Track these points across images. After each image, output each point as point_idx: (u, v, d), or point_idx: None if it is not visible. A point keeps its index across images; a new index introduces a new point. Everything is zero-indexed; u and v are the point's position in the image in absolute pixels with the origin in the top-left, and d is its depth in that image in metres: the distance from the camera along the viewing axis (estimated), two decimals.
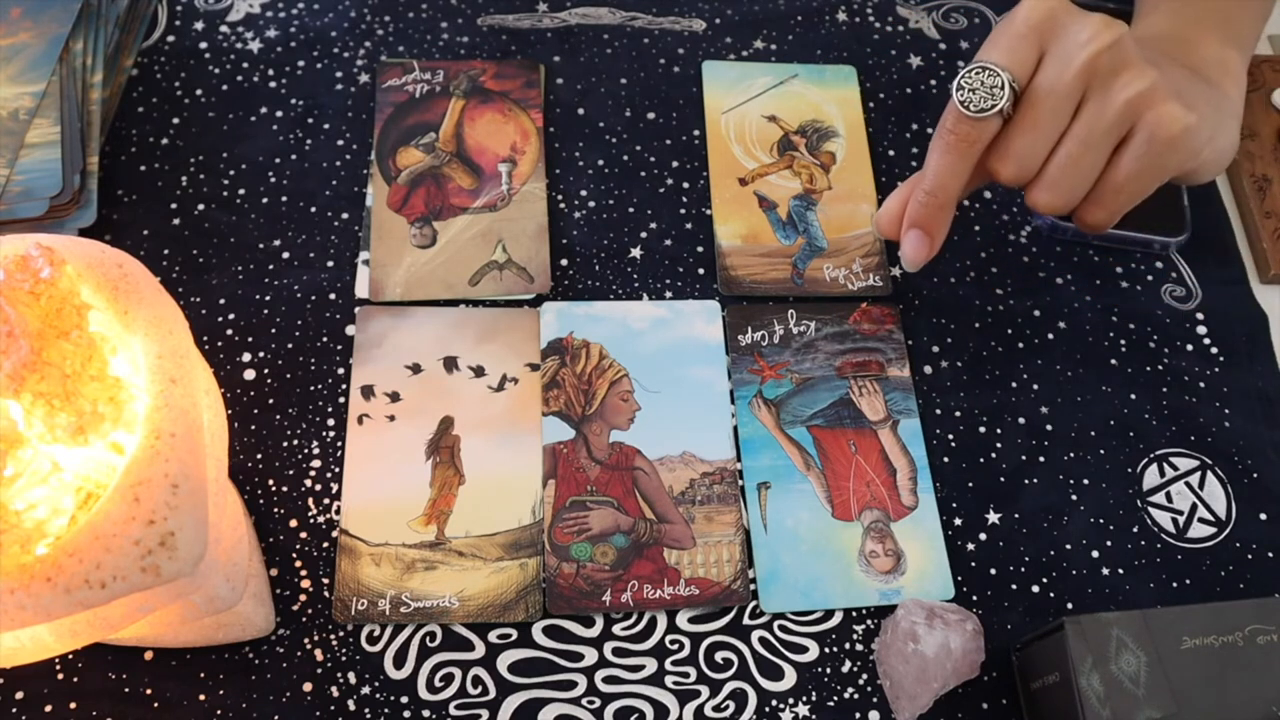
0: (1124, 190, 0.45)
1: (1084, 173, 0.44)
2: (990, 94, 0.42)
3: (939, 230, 0.47)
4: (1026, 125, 0.43)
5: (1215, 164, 0.49)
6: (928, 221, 0.46)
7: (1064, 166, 0.44)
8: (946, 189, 0.45)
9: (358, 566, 0.48)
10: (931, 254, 0.47)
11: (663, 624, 0.48)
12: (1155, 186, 0.45)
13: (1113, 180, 0.45)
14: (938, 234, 0.47)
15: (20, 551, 0.31)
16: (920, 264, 0.48)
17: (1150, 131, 0.43)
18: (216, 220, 0.56)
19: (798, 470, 0.51)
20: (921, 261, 0.47)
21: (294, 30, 0.62)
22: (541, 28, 0.64)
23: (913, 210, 0.47)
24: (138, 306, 0.35)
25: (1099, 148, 0.44)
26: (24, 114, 0.54)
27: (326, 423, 0.51)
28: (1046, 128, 0.43)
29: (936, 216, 0.46)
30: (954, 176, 0.45)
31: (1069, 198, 0.45)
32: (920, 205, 0.46)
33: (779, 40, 0.65)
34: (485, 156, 0.58)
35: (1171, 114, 0.43)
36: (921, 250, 0.47)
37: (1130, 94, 0.43)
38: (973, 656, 0.46)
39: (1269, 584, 0.51)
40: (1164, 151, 0.44)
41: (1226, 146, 0.49)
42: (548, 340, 0.54)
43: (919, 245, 0.47)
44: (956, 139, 0.44)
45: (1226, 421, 0.54)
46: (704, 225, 0.58)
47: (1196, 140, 0.45)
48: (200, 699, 0.45)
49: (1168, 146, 0.43)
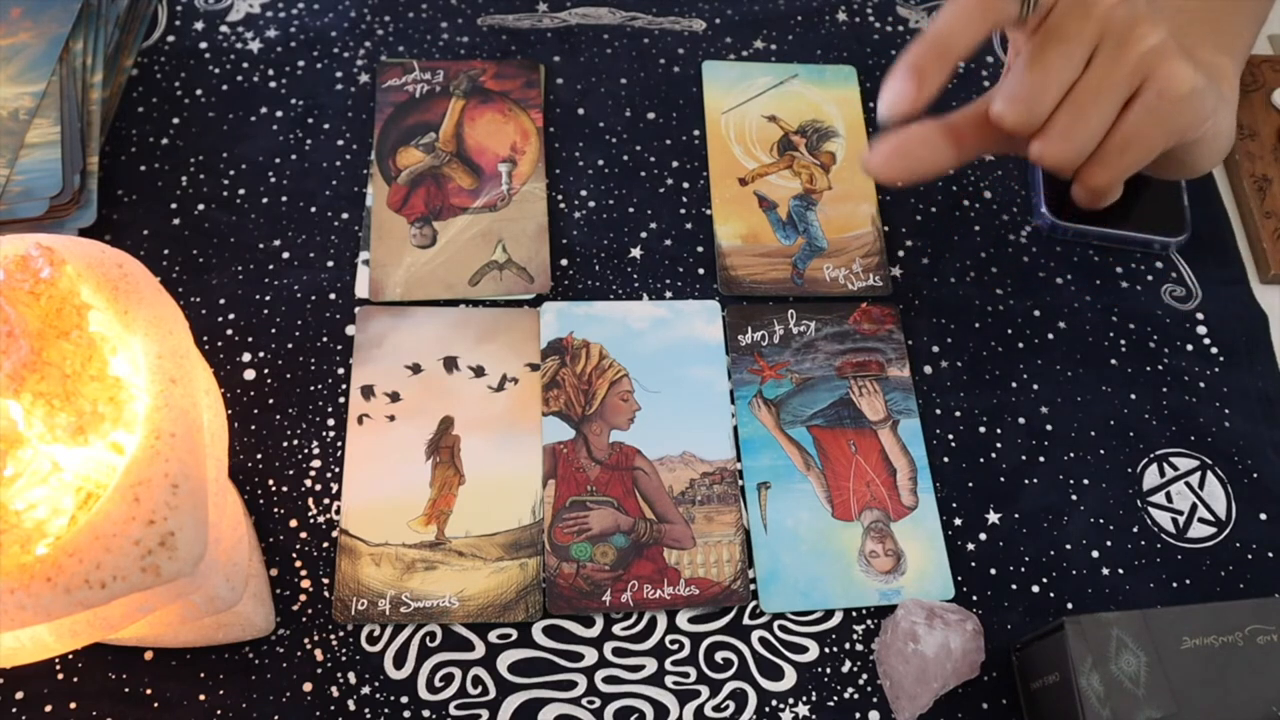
0: (1129, 148, 0.44)
1: (1092, 125, 0.43)
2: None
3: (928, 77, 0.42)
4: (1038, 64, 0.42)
5: (1213, 150, 0.49)
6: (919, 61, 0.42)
7: (1073, 114, 0.43)
8: (947, 40, 0.42)
9: (358, 566, 0.48)
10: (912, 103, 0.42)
11: (663, 624, 0.48)
12: (1160, 147, 0.44)
13: (1119, 136, 0.44)
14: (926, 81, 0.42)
15: (20, 551, 0.31)
16: (898, 110, 0.43)
17: (1161, 86, 0.42)
18: (216, 220, 0.56)
19: (798, 470, 0.51)
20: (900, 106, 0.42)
21: (294, 30, 0.62)
22: (541, 28, 0.64)
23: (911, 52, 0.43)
24: (138, 306, 0.35)
25: (1109, 100, 0.43)
26: (24, 114, 0.54)
27: (326, 423, 0.51)
28: (1056, 70, 0.42)
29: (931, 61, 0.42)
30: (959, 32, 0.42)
31: (1076, 151, 0.44)
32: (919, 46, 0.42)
33: (779, 40, 0.65)
34: (485, 156, 0.58)
35: (1182, 72, 0.42)
36: (906, 90, 0.42)
37: (1144, 48, 0.42)
38: (973, 656, 0.46)
39: (1269, 584, 0.51)
40: (1172, 109, 0.43)
41: (1225, 131, 0.49)
42: (548, 340, 0.54)
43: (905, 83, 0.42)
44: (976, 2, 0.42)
45: (1226, 421, 0.54)
46: (704, 225, 0.58)
47: (1203, 105, 0.44)
48: (200, 699, 0.45)
49: (1176, 104, 0.43)
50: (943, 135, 0.45)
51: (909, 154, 0.45)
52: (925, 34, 0.43)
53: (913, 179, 0.45)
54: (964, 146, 0.46)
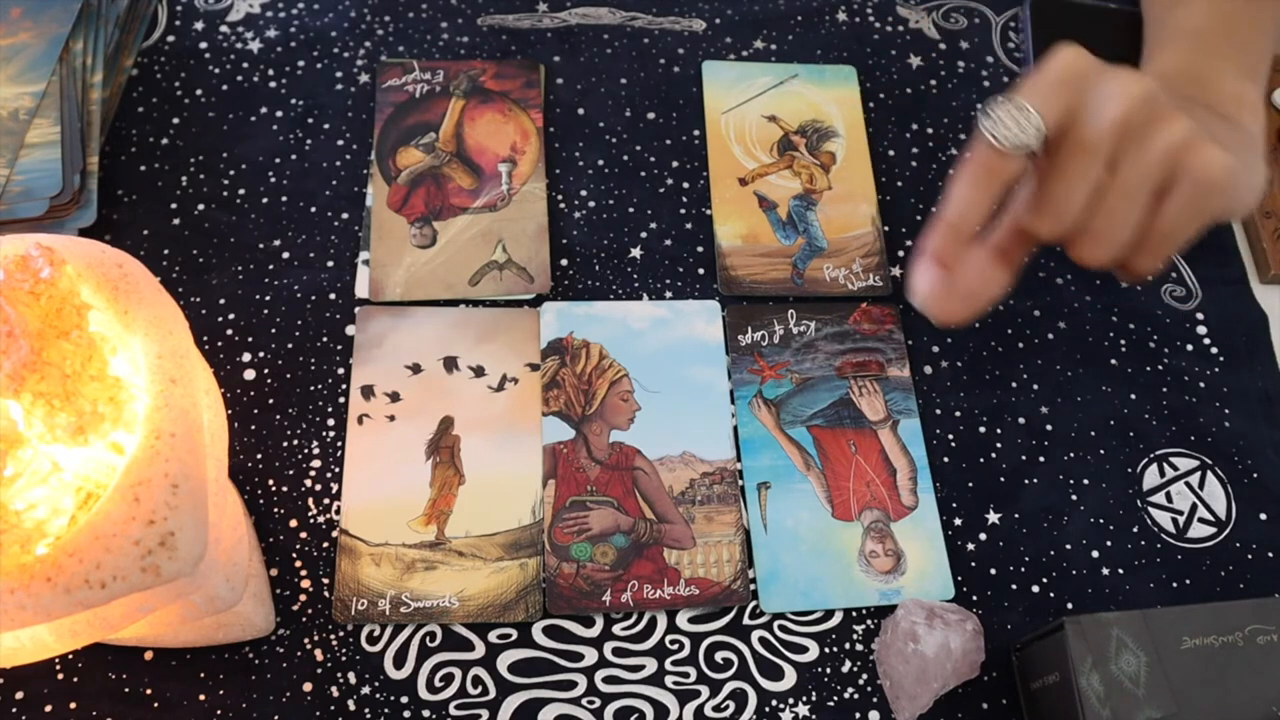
0: (1171, 237, 0.44)
1: (1127, 224, 0.44)
2: (1020, 128, 0.41)
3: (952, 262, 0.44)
4: (1061, 177, 0.43)
5: (1247, 201, 0.49)
6: (941, 250, 0.44)
7: (1106, 219, 0.43)
8: (965, 219, 0.44)
9: (358, 566, 0.48)
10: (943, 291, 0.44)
11: (663, 624, 0.48)
12: (1201, 227, 0.45)
13: (1160, 229, 0.44)
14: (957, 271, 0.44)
15: (20, 551, 0.31)
16: (929, 296, 0.44)
17: (1194, 176, 0.43)
18: (216, 220, 0.56)
19: (798, 470, 0.51)
20: (930, 294, 0.44)
21: (294, 30, 0.62)
22: (541, 28, 0.64)
23: (930, 241, 0.44)
24: (138, 306, 0.35)
25: (1140, 198, 0.43)
26: (24, 114, 0.54)
27: (326, 423, 0.51)
28: (1081, 178, 0.43)
29: (949, 246, 0.44)
30: (973, 207, 0.43)
31: (1114, 250, 0.44)
32: (935, 234, 0.44)
33: (779, 40, 0.65)
34: (485, 156, 0.58)
35: (1213, 157, 0.42)
36: (933, 281, 0.44)
37: (1169, 142, 0.42)
38: (973, 656, 0.46)
39: (1269, 584, 0.51)
40: (1209, 195, 0.43)
41: (1257, 183, 0.49)
42: (548, 340, 0.54)
43: (930, 273, 0.44)
44: (982, 170, 0.43)
45: (1226, 421, 0.54)
46: (704, 225, 0.58)
47: (1238, 180, 0.45)
48: (200, 699, 0.45)
49: (1212, 190, 0.43)
50: (993, 263, 0.45)
51: (971, 295, 0.45)
52: (940, 218, 0.43)
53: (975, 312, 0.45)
54: (1013, 261, 0.46)
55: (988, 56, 0.65)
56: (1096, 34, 0.65)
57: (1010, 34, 0.67)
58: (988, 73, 0.65)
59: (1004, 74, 0.65)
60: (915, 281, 0.44)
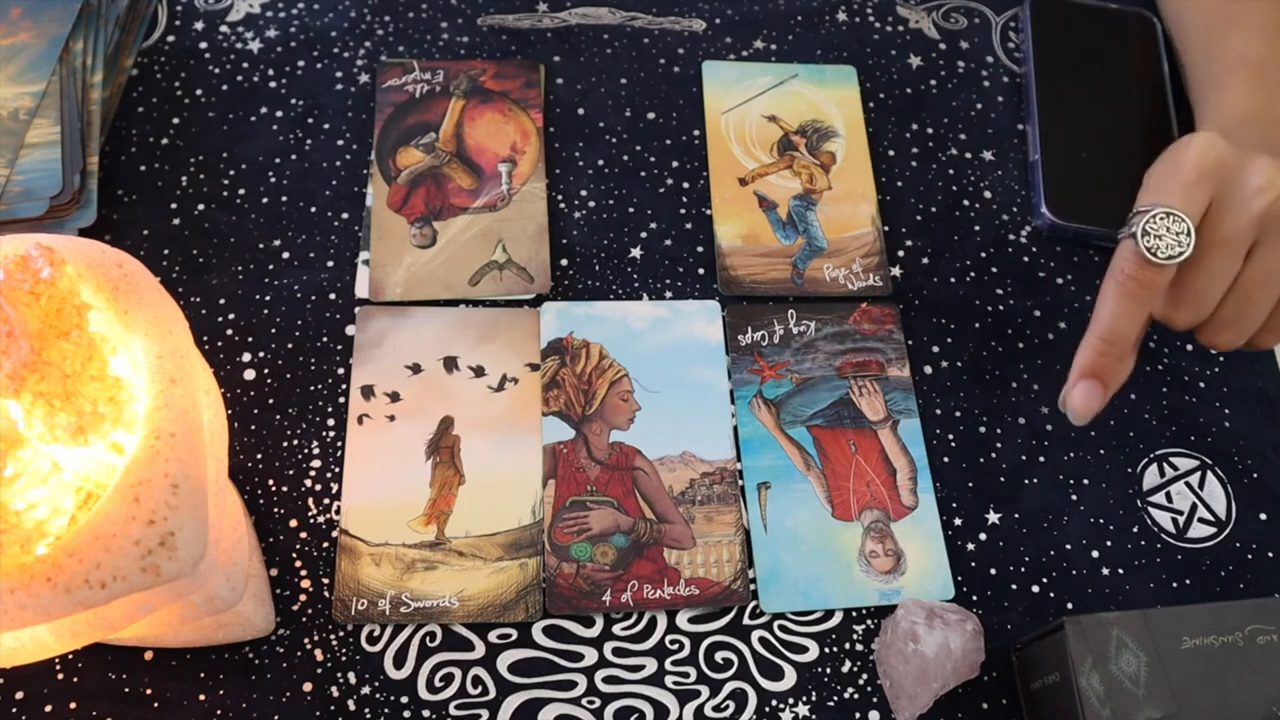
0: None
1: (1261, 311, 0.44)
2: (1178, 240, 0.42)
3: (1115, 381, 0.45)
4: (1203, 271, 0.43)
5: None
6: (1104, 371, 0.44)
7: (1242, 308, 0.44)
8: (1125, 337, 0.44)
9: (358, 566, 0.48)
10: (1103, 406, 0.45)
11: (663, 624, 0.48)
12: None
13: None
14: (1113, 384, 0.45)
15: (20, 551, 0.31)
16: (1090, 417, 0.45)
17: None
18: (216, 220, 0.56)
19: (798, 470, 0.51)
20: (1092, 415, 0.45)
21: (294, 30, 0.62)
22: (541, 28, 0.64)
23: (1086, 359, 0.44)
24: (138, 306, 0.35)
25: (1274, 288, 0.44)
26: (24, 114, 0.54)
27: (326, 423, 0.51)
28: (1223, 273, 0.43)
29: (1114, 366, 0.44)
30: (1132, 323, 0.44)
31: (1246, 334, 0.45)
32: (1096, 353, 0.44)
33: (779, 40, 0.65)
34: (485, 156, 0.58)
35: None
36: (1094, 401, 0.44)
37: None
38: (973, 656, 0.46)
39: (1269, 584, 0.51)
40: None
41: None
42: (548, 340, 0.54)
43: (1092, 395, 0.44)
44: (1139, 285, 0.43)
45: (1226, 421, 0.54)
46: (704, 225, 0.58)
47: None
48: (200, 699, 0.45)
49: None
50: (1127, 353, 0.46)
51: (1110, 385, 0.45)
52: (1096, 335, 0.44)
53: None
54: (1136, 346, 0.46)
55: (988, 56, 0.65)
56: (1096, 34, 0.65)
57: (1010, 34, 0.67)
58: (988, 73, 0.65)
59: (1004, 74, 0.65)
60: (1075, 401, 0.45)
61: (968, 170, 0.61)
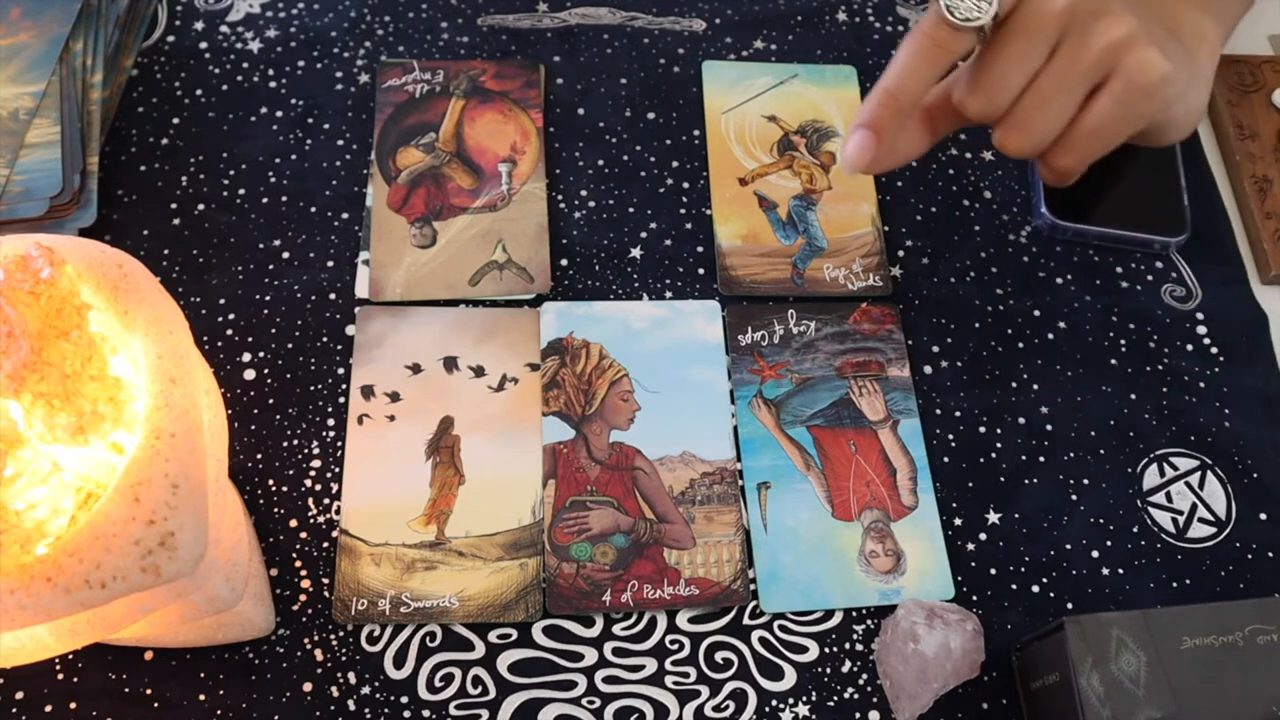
0: (1096, 136, 0.44)
1: (1055, 114, 0.44)
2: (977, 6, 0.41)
3: (888, 134, 0.44)
4: (1000, 57, 0.43)
5: (1182, 124, 0.49)
6: (881, 123, 0.44)
7: (1035, 106, 0.43)
8: (906, 90, 0.43)
9: (358, 566, 0.48)
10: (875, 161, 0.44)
11: (663, 624, 0.48)
12: (1127, 134, 0.45)
13: (1085, 125, 0.44)
14: (886, 138, 0.44)
15: (20, 551, 0.31)
16: (860, 167, 0.44)
17: (1128, 77, 0.43)
18: (216, 220, 0.56)
19: (798, 470, 0.51)
20: (862, 164, 0.44)
21: (294, 30, 0.62)
22: (541, 28, 0.64)
23: (866, 109, 0.44)
24: (138, 306, 0.35)
25: (1072, 90, 0.43)
26: (24, 114, 0.54)
27: (326, 423, 0.51)
28: (1020, 62, 0.42)
29: (891, 121, 0.44)
30: (917, 79, 0.43)
31: (1038, 140, 0.44)
32: (876, 104, 0.44)
33: (779, 40, 0.65)
34: (485, 156, 0.58)
35: (1150, 60, 0.42)
36: (866, 151, 0.44)
37: (1110, 39, 0.42)
38: (973, 656, 0.46)
39: (1269, 584, 0.51)
40: (1140, 98, 0.43)
41: (1195, 106, 0.49)
42: (548, 340, 0.54)
43: (864, 144, 0.44)
44: (932, 43, 0.42)
45: (1226, 421, 0.54)
46: (704, 225, 0.58)
47: (1171, 90, 0.44)
48: (200, 699, 0.45)
49: (1144, 93, 0.43)
50: (916, 122, 0.46)
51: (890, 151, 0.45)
52: (878, 87, 0.44)
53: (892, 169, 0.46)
54: (937, 130, 0.47)
55: None
56: None
57: None
58: None
59: None
60: (848, 149, 0.45)
61: (967, 170, 0.61)
